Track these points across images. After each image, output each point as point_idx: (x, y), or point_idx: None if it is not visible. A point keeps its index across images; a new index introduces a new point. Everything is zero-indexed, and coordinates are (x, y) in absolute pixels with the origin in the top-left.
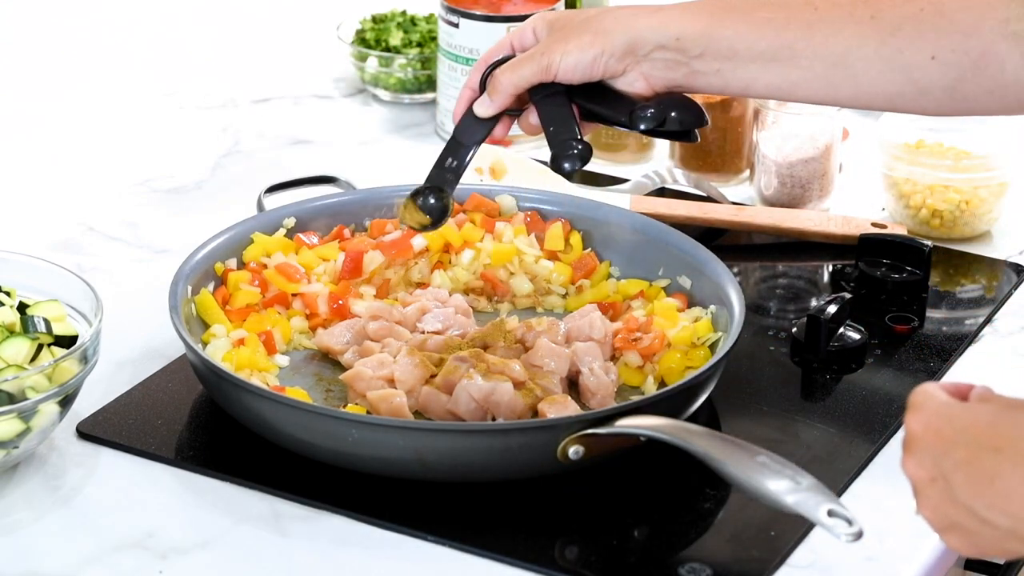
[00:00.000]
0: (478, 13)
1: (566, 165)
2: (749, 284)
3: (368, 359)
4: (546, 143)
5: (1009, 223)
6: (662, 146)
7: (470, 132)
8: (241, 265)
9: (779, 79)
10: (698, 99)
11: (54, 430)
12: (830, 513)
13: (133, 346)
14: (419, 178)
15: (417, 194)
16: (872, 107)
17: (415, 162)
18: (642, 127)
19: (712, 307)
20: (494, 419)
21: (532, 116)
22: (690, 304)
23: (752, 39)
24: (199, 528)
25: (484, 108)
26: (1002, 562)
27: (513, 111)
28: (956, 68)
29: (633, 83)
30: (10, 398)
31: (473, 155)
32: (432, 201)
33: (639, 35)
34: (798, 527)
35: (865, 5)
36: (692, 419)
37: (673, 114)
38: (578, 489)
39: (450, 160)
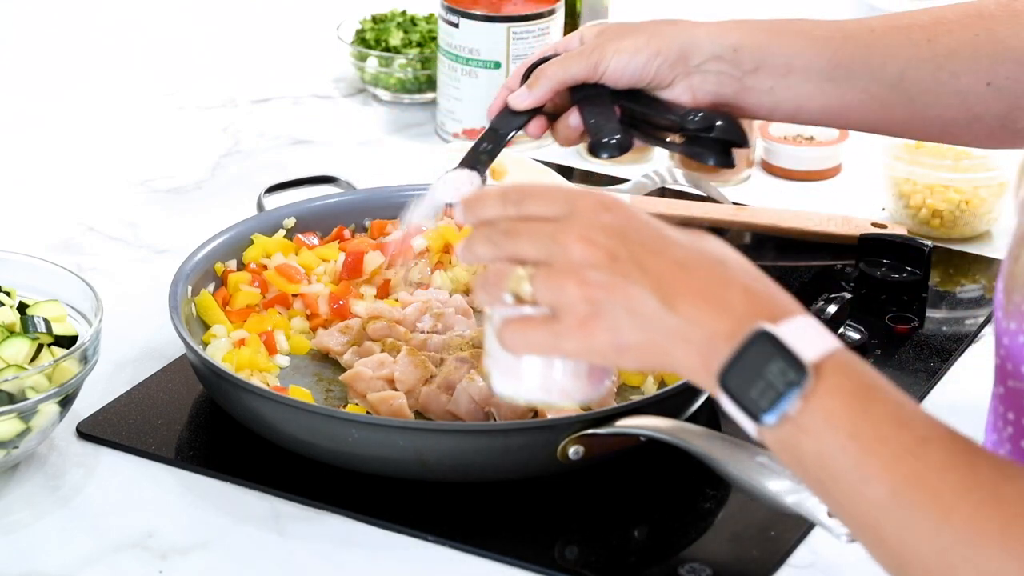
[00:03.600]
0: (478, 13)
1: (604, 154)
2: None
3: (368, 359)
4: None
5: (1009, 223)
6: None
7: (506, 122)
8: (241, 266)
9: (834, 100)
10: None
11: (54, 430)
12: (830, 513)
13: (133, 346)
14: (419, 178)
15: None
16: (926, 135)
17: (415, 162)
18: (692, 126)
19: None
20: (494, 419)
21: (572, 118)
22: None
23: (809, 56)
24: (199, 528)
25: (521, 99)
26: None
27: (551, 115)
28: (1010, 95)
29: (679, 95)
30: (10, 398)
31: (508, 141)
32: None
33: (696, 42)
34: (798, 527)
35: (922, 29)
36: (692, 419)
37: (720, 123)
38: (578, 489)
39: (485, 144)
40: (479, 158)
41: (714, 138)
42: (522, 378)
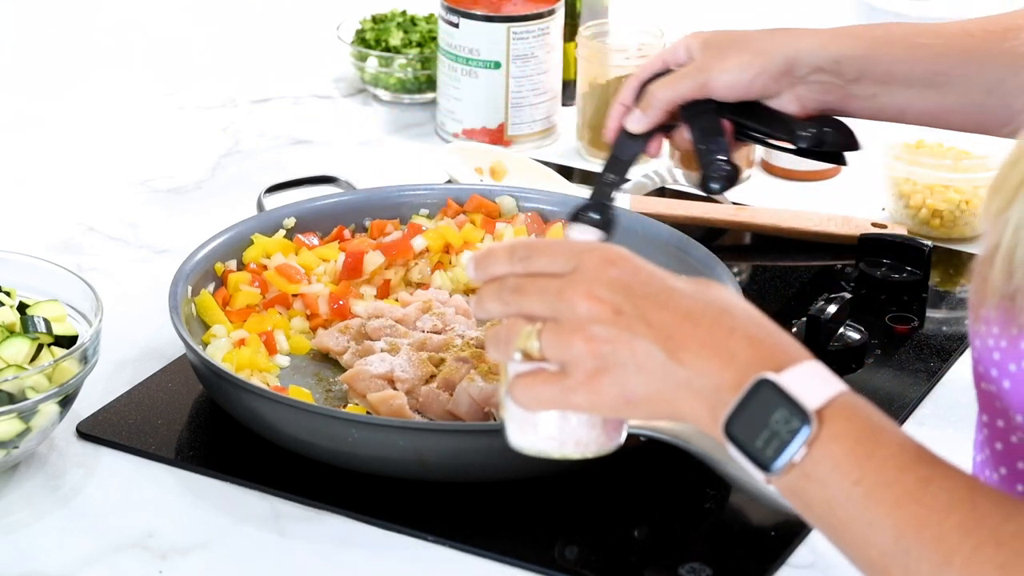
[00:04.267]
0: (478, 13)
1: (714, 186)
2: (749, 284)
3: (369, 358)
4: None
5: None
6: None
7: (626, 148)
8: (241, 266)
9: (934, 105)
10: None
11: (54, 430)
12: None
13: (133, 346)
14: (419, 178)
15: (582, 210)
16: None
17: (415, 162)
18: (803, 145)
19: None
20: (494, 419)
21: (685, 132)
22: None
23: (909, 65)
24: (199, 528)
25: (637, 123)
26: None
27: (666, 127)
28: None
29: (786, 104)
30: (10, 398)
31: (630, 168)
32: (595, 216)
33: (798, 56)
34: (798, 527)
35: (1017, 34)
36: None
37: (828, 130)
38: (578, 489)
39: (610, 176)
40: (604, 190)
41: (822, 151)
42: (537, 430)
